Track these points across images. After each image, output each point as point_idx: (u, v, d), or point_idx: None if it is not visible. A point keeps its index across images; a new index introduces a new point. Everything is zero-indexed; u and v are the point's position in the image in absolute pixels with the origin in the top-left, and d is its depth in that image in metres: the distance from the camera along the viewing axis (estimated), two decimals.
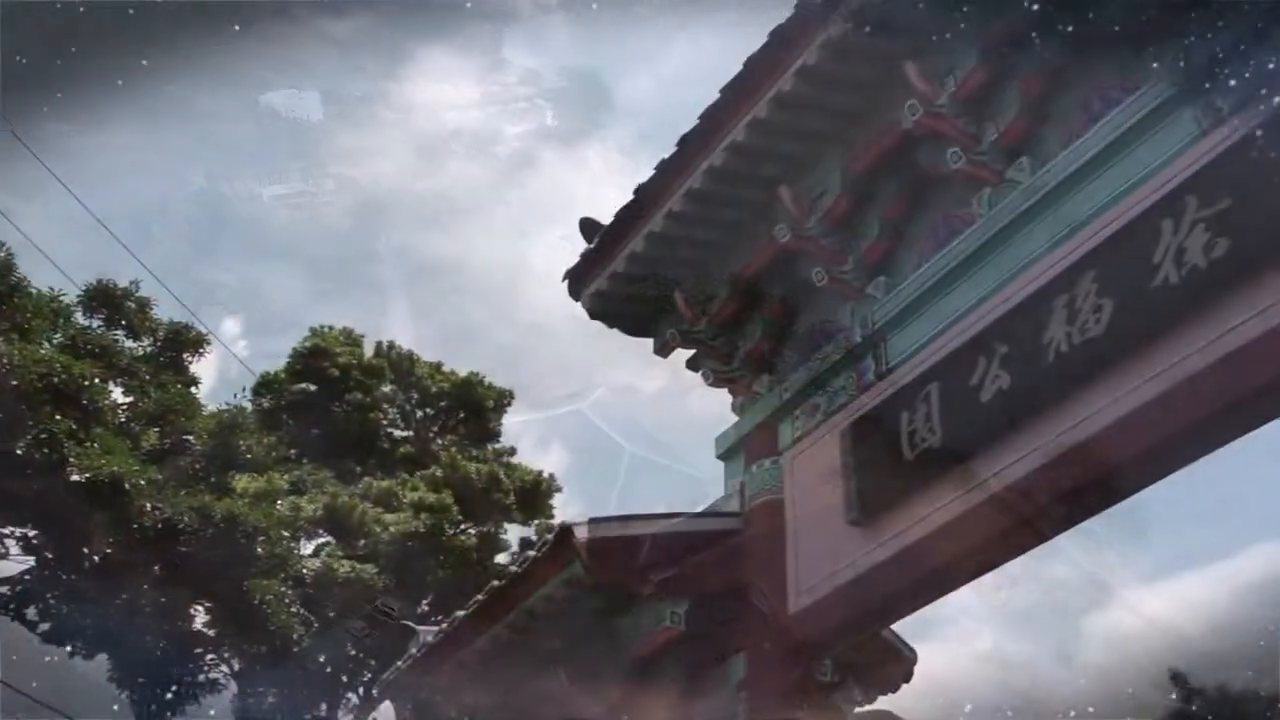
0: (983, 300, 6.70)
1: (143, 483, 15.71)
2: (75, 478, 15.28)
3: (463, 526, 21.63)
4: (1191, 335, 5.41)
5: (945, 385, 6.61)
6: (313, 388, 23.13)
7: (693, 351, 8.84)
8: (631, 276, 8.47)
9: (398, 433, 24.29)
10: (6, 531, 16.98)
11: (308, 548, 20.20)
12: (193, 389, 19.45)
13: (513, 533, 22.78)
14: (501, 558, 21.76)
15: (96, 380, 16.32)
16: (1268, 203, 5.17)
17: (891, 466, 6.77)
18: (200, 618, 18.19)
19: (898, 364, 7.19)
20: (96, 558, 16.87)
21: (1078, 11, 6.26)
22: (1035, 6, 6.31)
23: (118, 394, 17.82)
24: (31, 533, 17.00)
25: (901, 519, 6.64)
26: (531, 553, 7.60)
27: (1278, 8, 5.50)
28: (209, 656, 18.66)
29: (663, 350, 8.81)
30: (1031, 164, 6.69)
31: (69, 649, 17.26)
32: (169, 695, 17.92)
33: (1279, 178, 5.14)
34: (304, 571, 18.61)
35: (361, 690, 20.88)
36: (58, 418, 15.21)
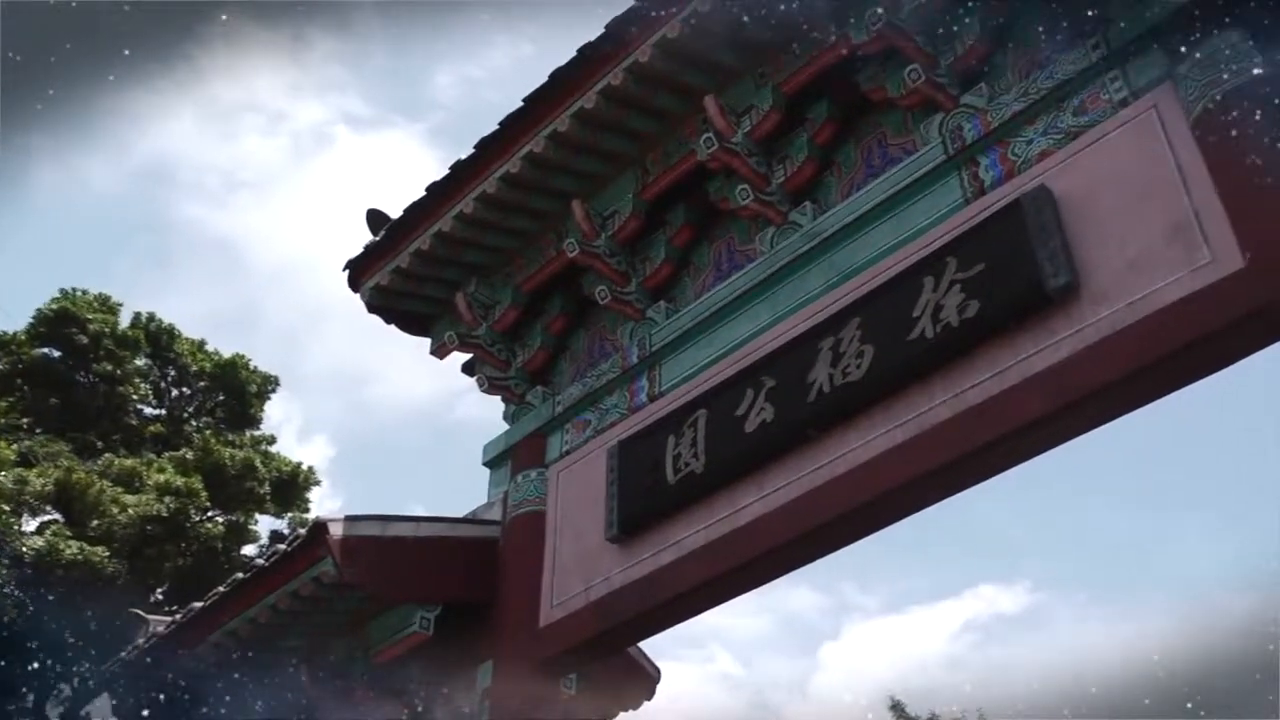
0: (756, 334, 6.95)
1: None
2: None
3: (210, 514, 20.61)
4: (939, 387, 5.81)
5: (713, 413, 6.81)
6: (56, 353, 21.56)
7: (470, 356, 8.76)
8: (414, 274, 8.32)
9: (149, 410, 22.93)
10: None
11: (32, 524, 18.75)
12: None
13: (264, 524, 21.91)
14: (250, 549, 20.88)
15: None
16: (1016, 272, 5.61)
17: (654, 488, 6.90)
18: None
19: (670, 388, 7.35)
20: None
21: (862, 71, 6.64)
22: (828, 57, 6.65)
23: None
24: None
25: (658, 540, 6.77)
26: (282, 546, 7.31)
27: (1039, 90, 6.00)
28: None
29: (439, 351, 8.68)
30: (814, 209, 7.00)
31: None
32: None
33: (1027, 251, 5.59)
34: (24, 550, 17.24)
35: (76, 681, 19.50)
36: None
